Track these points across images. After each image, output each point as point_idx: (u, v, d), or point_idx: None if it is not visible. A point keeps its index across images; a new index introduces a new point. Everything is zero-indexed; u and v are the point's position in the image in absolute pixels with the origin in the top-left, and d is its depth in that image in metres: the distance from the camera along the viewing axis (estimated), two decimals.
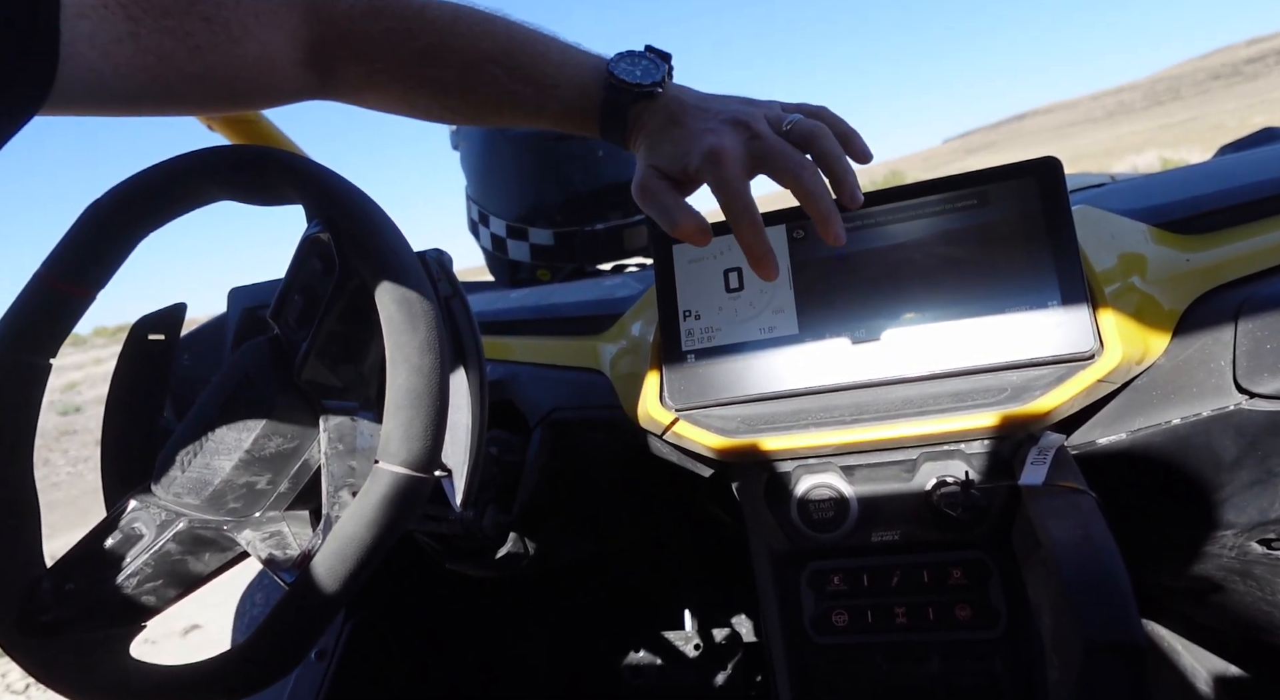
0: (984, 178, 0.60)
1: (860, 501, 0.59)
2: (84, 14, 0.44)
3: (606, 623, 1.20)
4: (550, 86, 0.57)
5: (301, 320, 0.48)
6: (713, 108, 0.55)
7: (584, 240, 1.18)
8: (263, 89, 0.55)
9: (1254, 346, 0.52)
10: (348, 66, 0.58)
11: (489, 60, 0.57)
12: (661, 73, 0.56)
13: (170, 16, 0.48)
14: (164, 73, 0.49)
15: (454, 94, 0.58)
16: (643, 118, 0.56)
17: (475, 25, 0.57)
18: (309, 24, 0.56)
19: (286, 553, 0.48)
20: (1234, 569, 0.61)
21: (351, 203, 0.46)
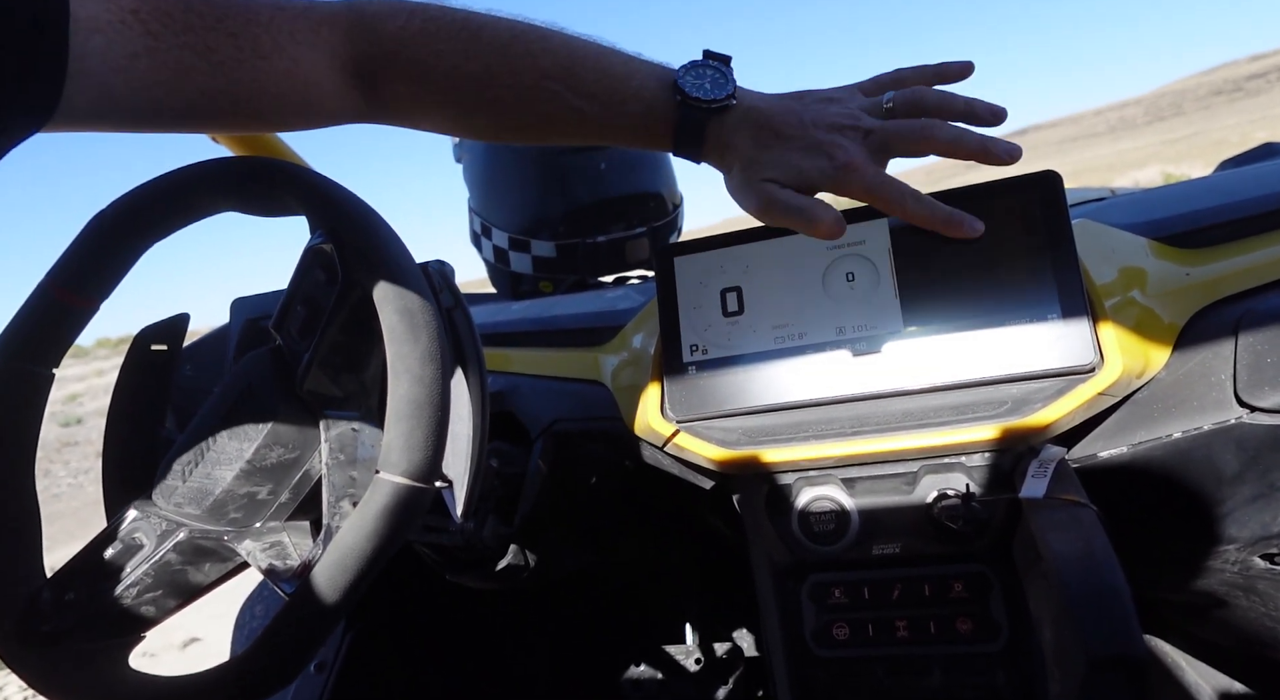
0: (985, 191, 0.60)
1: (861, 514, 0.59)
2: (98, 28, 0.43)
3: (607, 635, 1.19)
4: (618, 102, 0.55)
5: (304, 331, 0.49)
6: (805, 116, 0.54)
7: (586, 252, 1.18)
8: (293, 108, 0.53)
9: (1254, 360, 0.52)
10: (397, 88, 0.55)
11: (550, 78, 0.55)
12: (731, 83, 0.55)
13: (193, 32, 0.47)
14: (182, 88, 0.47)
15: (513, 114, 0.56)
16: (723, 135, 0.55)
17: (534, 43, 0.55)
18: (353, 42, 0.54)
19: (287, 563, 0.48)
20: (1237, 584, 0.61)
21: (354, 214, 0.46)
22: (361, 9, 0.55)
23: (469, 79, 0.55)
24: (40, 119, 0.43)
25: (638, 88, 0.55)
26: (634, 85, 0.55)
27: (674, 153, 0.57)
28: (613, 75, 0.55)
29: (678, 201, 1.28)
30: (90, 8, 0.43)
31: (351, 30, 0.54)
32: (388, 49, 0.54)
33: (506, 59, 0.55)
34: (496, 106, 0.56)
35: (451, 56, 0.54)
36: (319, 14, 0.53)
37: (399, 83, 0.55)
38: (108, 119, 0.46)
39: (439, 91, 0.55)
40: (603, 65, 0.56)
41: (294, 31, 0.51)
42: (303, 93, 0.52)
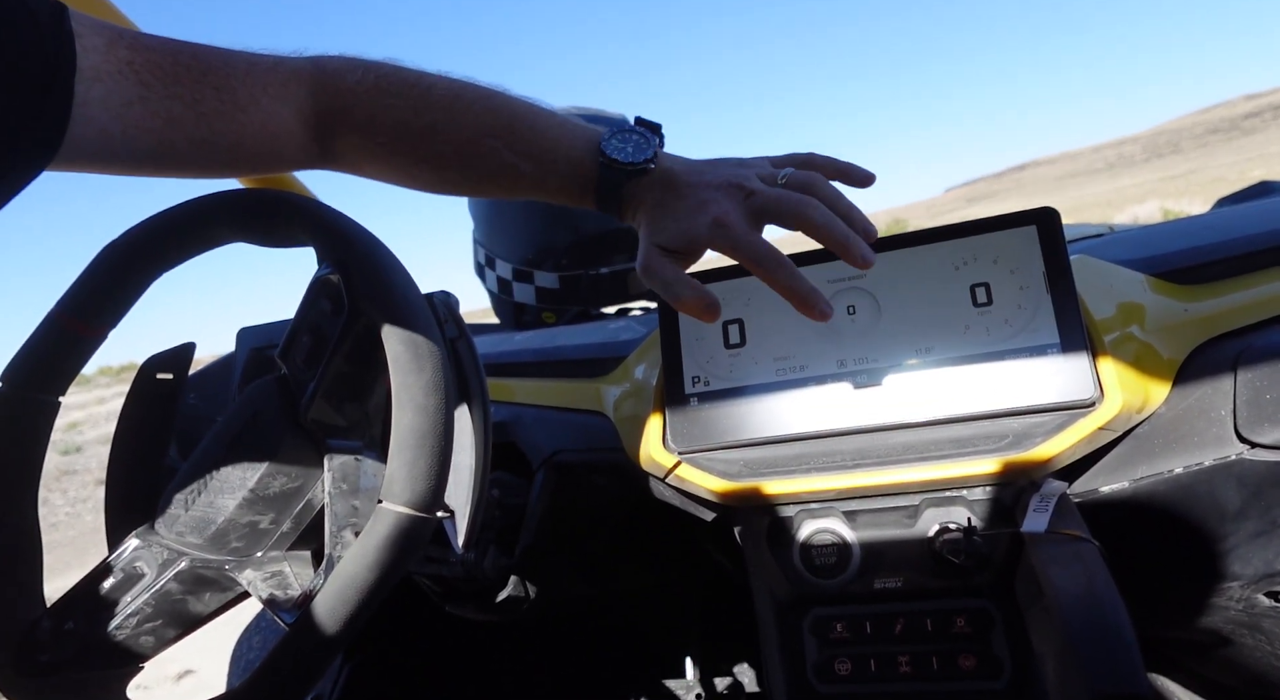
0: (985, 226, 0.61)
1: (863, 547, 0.59)
2: (99, 77, 0.46)
3: (607, 669, 1.18)
4: (549, 161, 0.59)
5: (309, 360, 0.49)
6: (705, 177, 0.56)
7: (589, 284, 1.19)
8: (263, 157, 0.56)
9: (1254, 396, 0.52)
10: (349, 139, 0.59)
11: (489, 135, 0.59)
12: (652, 149, 0.58)
13: (181, 84, 0.50)
14: (171, 136, 0.50)
15: (454, 168, 0.60)
16: (638, 194, 0.58)
17: (477, 102, 0.59)
18: (314, 97, 0.57)
19: (287, 593, 0.48)
20: (1241, 622, 0.61)
21: (362, 246, 0.47)
22: (323, 65, 0.58)
23: (415, 134, 0.58)
24: (44, 160, 0.45)
25: (567, 149, 0.59)
26: (564, 146, 0.59)
27: (598, 209, 0.60)
28: (546, 136, 0.59)
29: None
30: (93, 58, 0.45)
31: (314, 85, 0.57)
32: (344, 103, 0.58)
33: (451, 116, 0.59)
34: (439, 160, 0.59)
35: (401, 111, 0.58)
36: (287, 69, 0.57)
37: (351, 134, 0.58)
38: (103, 161, 0.49)
39: (387, 144, 0.59)
40: (538, 126, 0.59)
41: (267, 86, 0.55)
42: (272, 144, 0.56)
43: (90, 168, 0.49)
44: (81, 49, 0.45)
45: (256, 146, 0.55)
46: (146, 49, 0.49)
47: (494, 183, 0.61)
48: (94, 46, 0.46)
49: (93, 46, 0.46)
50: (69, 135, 0.45)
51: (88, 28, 0.46)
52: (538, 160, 0.59)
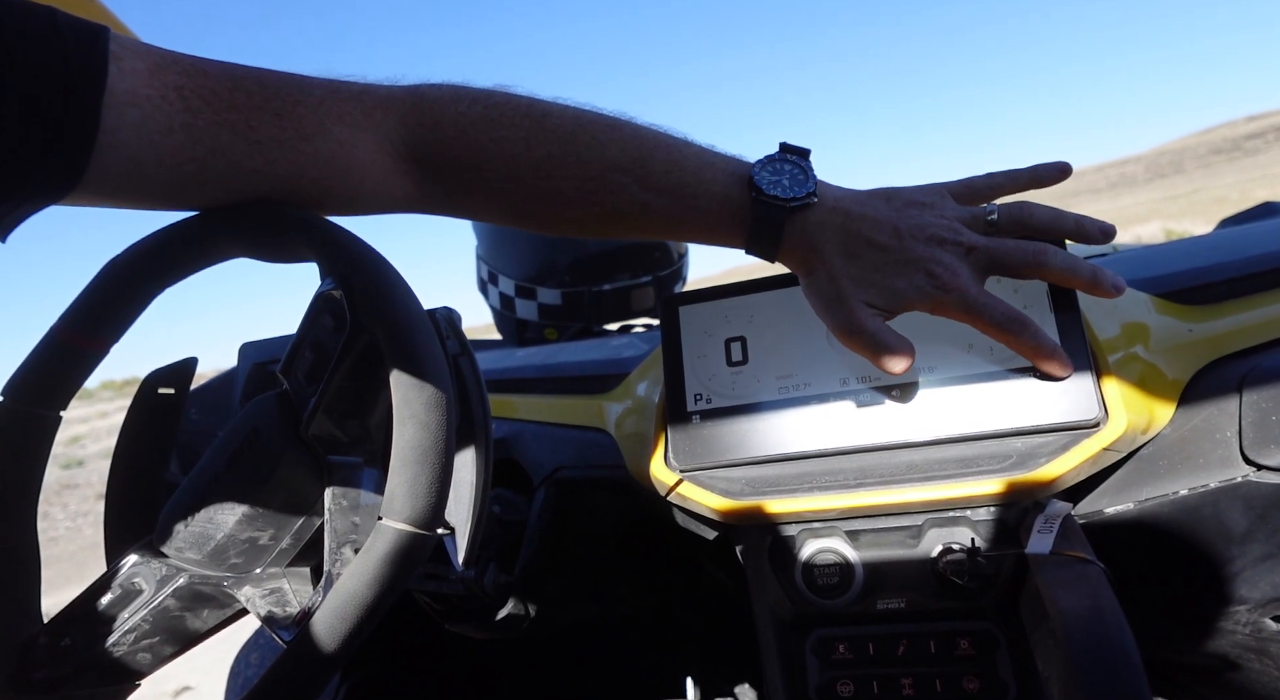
0: None
1: (865, 567, 0.58)
2: (135, 102, 0.42)
3: (606, 688, 1.17)
4: (689, 197, 0.53)
5: (311, 376, 0.49)
6: (900, 224, 0.51)
7: (591, 300, 1.19)
8: (334, 193, 0.51)
9: (1259, 418, 0.52)
10: (453, 176, 0.53)
11: (617, 169, 0.52)
12: (813, 181, 0.53)
13: (236, 110, 0.46)
14: (215, 165, 0.46)
15: (576, 207, 0.54)
16: (805, 236, 0.52)
17: (601, 132, 0.53)
18: (408, 127, 0.52)
19: (286, 610, 0.47)
20: (1249, 646, 0.60)
21: (366, 262, 0.47)
22: (422, 93, 0.53)
23: (530, 167, 0.52)
24: (62, 190, 0.42)
25: (710, 182, 0.53)
26: (706, 179, 0.53)
27: (746, 251, 0.54)
28: (684, 168, 0.53)
29: (683, 251, 1.30)
30: (129, 81, 0.42)
31: (408, 115, 0.52)
32: (446, 134, 0.52)
33: (571, 148, 0.53)
34: (558, 198, 0.53)
35: (512, 143, 0.52)
36: (374, 97, 0.51)
37: (455, 170, 0.53)
38: (135, 194, 0.46)
39: (498, 180, 0.53)
40: (674, 157, 0.53)
41: (343, 114, 0.50)
42: (346, 177, 0.50)
43: (119, 201, 0.46)
44: (118, 71, 0.42)
45: (324, 180, 0.50)
46: (202, 74, 0.45)
47: (621, 222, 0.55)
48: (134, 69, 0.43)
49: (132, 69, 0.43)
50: (93, 164, 0.42)
51: (131, 51, 0.43)
52: (674, 195, 0.53)
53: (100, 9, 0.88)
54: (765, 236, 0.53)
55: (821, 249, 0.52)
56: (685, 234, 0.55)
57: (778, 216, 0.52)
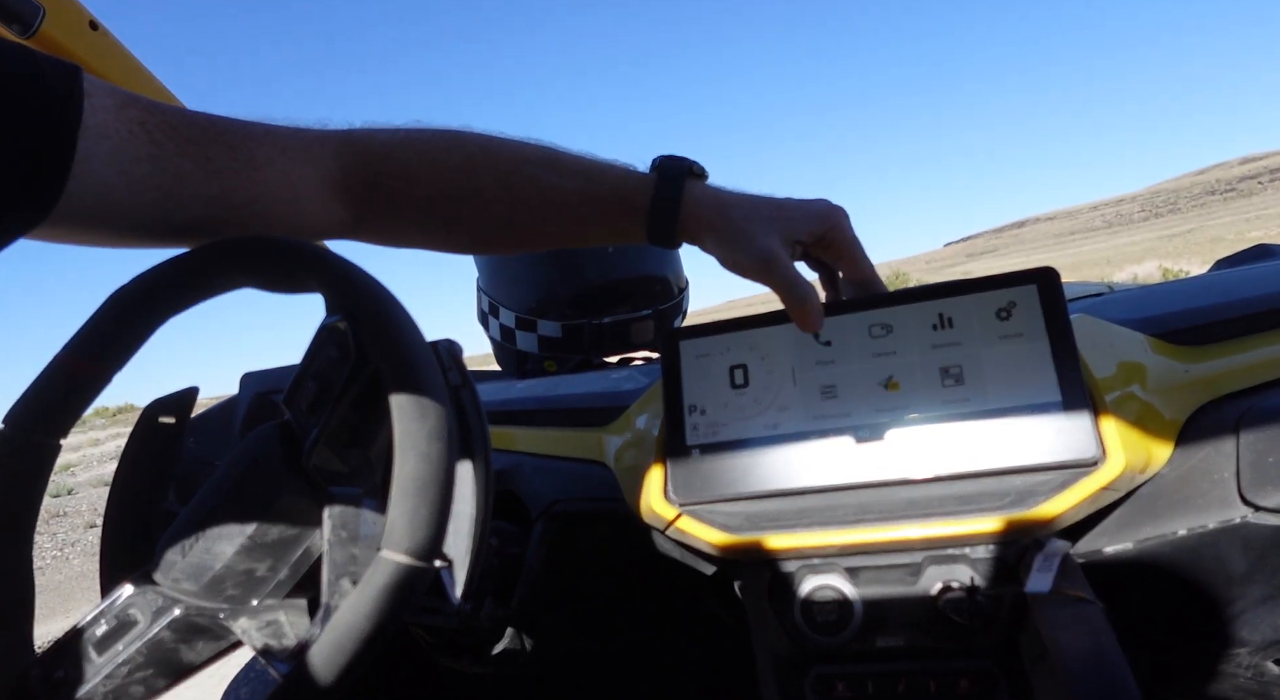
0: (985, 285, 0.61)
1: (865, 604, 0.58)
2: (107, 134, 0.46)
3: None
4: (596, 175, 0.60)
5: (314, 406, 0.49)
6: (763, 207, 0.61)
7: (592, 333, 1.20)
8: (281, 218, 0.56)
9: (1257, 459, 0.52)
10: (383, 196, 0.59)
11: (529, 162, 0.59)
12: None
13: (194, 142, 0.51)
14: (178, 192, 0.50)
15: (497, 201, 0.60)
16: (703, 197, 0.60)
17: (511, 140, 0.60)
18: (341, 157, 0.57)
19: (282, 642, 0.47)
20: (1251, 690, 0.59)
21: (371, 295, 0.48)
22: (352, 130, 0.59)
23: (453, 170, 0.59)
24: (39, 216, 0.45)
25: (613, 167, 0.61)
26: (609, 165, 0.61)
27: (650, 219, 0.60)
28: (589, 160, 0.61)
29: (683, 285, 1.30)
30: (101, 116, 0.46)
31: (341, 147, 0.58)
32: (376, 155, 0.58)
33: (489, 152, 0.59)
34: (480, 195, 0.59)
35: (435, 152, 0.59)
36: (310, 135, 0.57)
37: (386, 186, 0.59)
38: (104, 222, 0.49)
39: (424, 186, 0.59)
40: (578, 155, 0.61)
41: (286, 148, 0.55)
42: (290, 205, 0.56)
43: (91, 230, 0.49)
44: (90, 107, 0.45)
45: (273, 206, 0.55)
46: (161, 112, 0.50)
47: (540, 210, 0.60)
48: (104, 106, 0.47)
49: (103, 106, 0.46)
50: (68, 191, 0.45)
51: (100, 89, 0.47)
52: (584, 176, 0.60)
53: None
54: (668, 198, 0.60)
55: (722, 201, 0.60)
56: (599, 216, 0.61)
57: (677, 181, 0.60)
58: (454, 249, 0.64)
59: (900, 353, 0.62)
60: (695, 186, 0.60)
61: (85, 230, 0.49)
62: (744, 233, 0.59)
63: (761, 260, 0.59)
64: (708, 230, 0.60)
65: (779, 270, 0.59)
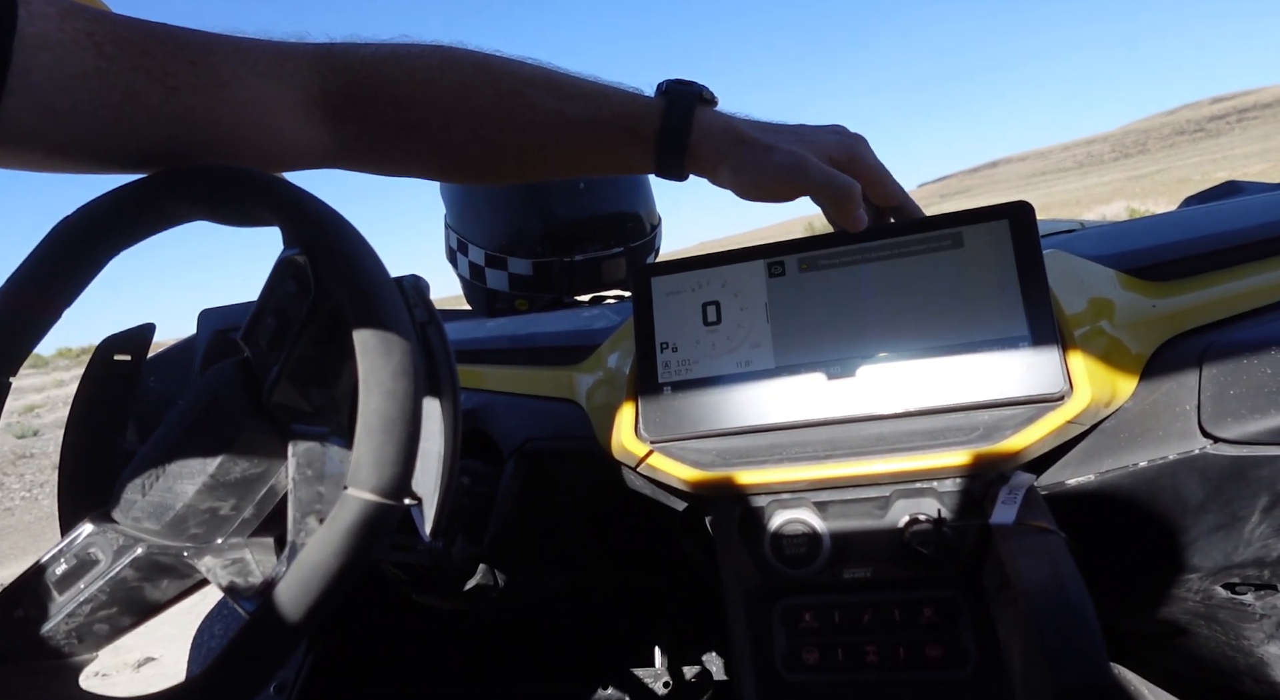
0: (959, 219, 0.61)
1: (833, 537, 0.59)
2: (47, 46, 0.42)
3: (575, 658, 1.18)
4: (600, 98, 0.56)
5: (273, 343, 0.48)
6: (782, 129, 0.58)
7: (563, 271, 1.18)
8: (251, 142, 0.50)
9: (1218, 392, 0.53)
10: (369, 118, 0.53)
11: (530, 84, 0.55)
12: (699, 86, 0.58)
13: (150, 56, 0.45)
14: (131, 112, 0.45)
15: (494, 125, 0.55)
16: (714, 123, 0.56)
17: (510, 59, 0.56)
18: (321, 75, 0.52)
19: (248, 580, 0.47)
20: (1199, 613, 0.62)
21: (329, 227, 0.46)
22: (332, 44, 0.53)
23: (446, 91, 0.53)
24: None
25: (617, 90, 0.56)
26: (614, 89, 0.57)
27: (658, 148, 0.56)
28: (593, 82, 0.56)
29: (655, 222, 1.29)
30: (40, 25, 0.41)
31: (319, 62, 0.52)
32: (359, 75, 0.52)
33: (485, 71, 0.54)
34: (476, 116, 0.54)
35: (425, 72, 0.53)
36: (285, 48, 0.52)
37: (373, 109, 0.53)
38: (46, 145, 0.45)
39: (414, 109, 0.54)
40: (582, 76, 0.56)
41: (255, 63, 0.49)
42: (262, 128, 0.50)
43: (32, 155, 0.45)
44: (27, 15, 0.41)
45: (242, 129, 0.50)
46: (111, 22, 0.45)
47: (540, 134, 0.56)
48: (44, 14, 0.42)
49: (42, 13, 0.42)
50: (5, 107, 0.41)
51: None
52: (588, 101, 0.55)
53: None
54: (678, 125, 0.56)
55: (735, 127, 0.56)
56: (604, 143, 0.57)
57: (687, 106, 0.55)
58: (443, 177, 0.60)
59: (871, 287, 0.61)
60: (706, 113, 0.57)
61: (26, 153, 0.45)
62: (763, 150, 0.55)
63: (788, 168, 0.55)
64: (721, 159, 0.57)
65: (811, 171, 0.55)
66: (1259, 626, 0.59)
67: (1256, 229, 0.63)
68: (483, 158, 0.58)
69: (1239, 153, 28.28)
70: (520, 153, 0.57)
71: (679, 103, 0.56)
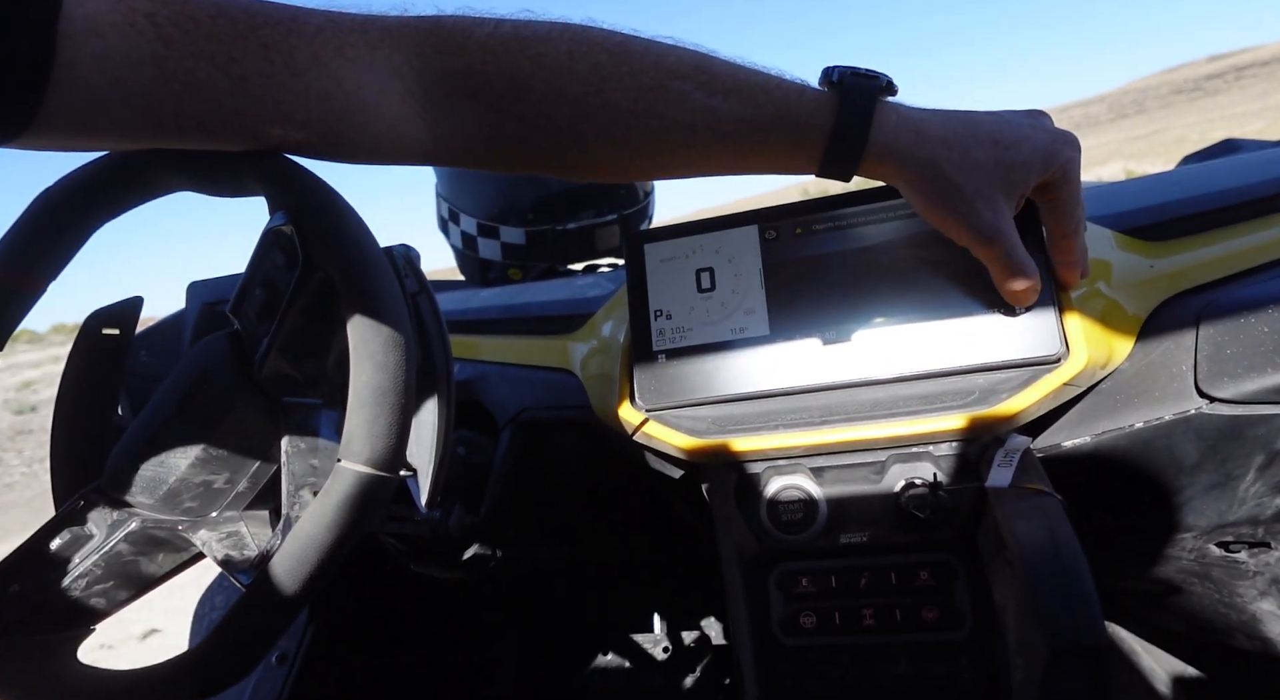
0: None
1: (829, 503, 0.59)
2: (98, 31, 0.37)
3: (574, 625, 1.19)
4: (760, 92, 0.47)
5: (263, 315, 0.47)
6: (986, 120, 0.50)
7: (556, 239, 1.17)
8: (332, 137, 0.45)
9: (1214, 351, 0.53)
10: (483, 111, 0.46)
11: (676, 77, 0.46)
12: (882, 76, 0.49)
13: (217, 40, 0.40)
14: (192, 104, 0.40)
15: (633, 122, 0.47)
16: (900, 125, 0.47)
17: (652, 43, 0.47)
18: (425, 59, 0.45)
19: (244, 553, 0.47)
20: (1193, 572, 0.62)
21: (316, 195, 0.45)
22: (440, 20, 0.46)
23: (578, 81, 0.46)
24: (13, 131, 0.37)
25: (779, 80, 0.48)
26: (774, 79, 0.48)
27: (827, 155, 0.48)
28: (749, 71, 0.48)
29: (648, 189, 1.27)
30: (91, 6, 0.36)
31: (424, 44, 0.45)
32: (474, 59, 0.45)
33: (624, 57, 0.46)
34: (612, 114, 0.47)
35: (555, 58, 0.46)
36: (381, 27, 0.44)
37: (488, 100, 0.46)
38: (95, 135, 0.41)
39: (540, 102, 0.46)
40: (736, 64, 0.48)
41: (343, 46, 0.43)
42: (344, 118, 0.44)
43: (77, 143, 0.41)
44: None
45: (315, 121, 0.43)
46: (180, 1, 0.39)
47: (685, 136, 0.48)
48: None
49: None
50: (49, 102, 0.36)
51: None
52: (745, 96, 0.47)
53: None
54: (855, 128, 0.47)
55: (923, 134, 0.47)
56: (760, 145, 0.49)
57: (867, 104, 0.47)
58: (569, 175, 0.52)
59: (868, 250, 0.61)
60: (888, 110, 0.48)
61: (64, 140, 0.40)
62: (959, 191, 0.48)
63: (986, 238, 0.49)
64: (905, 176, 0.49)
65: (1005, 249, 0.49)
66: (1252, 583, 0.60)
67: (1254, 187, 0.62)
68: (614, 159, 0.50)
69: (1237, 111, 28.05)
70: (659, 155, 0.49)
71: (857, 100, 0.47)
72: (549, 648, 1.18)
